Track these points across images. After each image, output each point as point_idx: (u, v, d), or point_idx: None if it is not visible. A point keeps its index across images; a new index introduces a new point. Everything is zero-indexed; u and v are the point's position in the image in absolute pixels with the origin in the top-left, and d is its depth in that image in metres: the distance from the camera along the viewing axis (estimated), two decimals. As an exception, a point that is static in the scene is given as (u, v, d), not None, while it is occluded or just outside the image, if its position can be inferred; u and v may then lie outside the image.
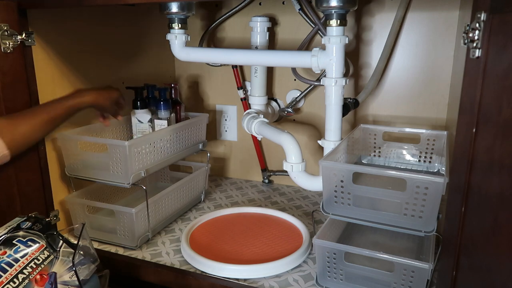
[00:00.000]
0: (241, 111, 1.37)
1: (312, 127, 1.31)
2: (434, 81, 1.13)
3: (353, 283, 0.80)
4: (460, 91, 0.58)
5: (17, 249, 0.65)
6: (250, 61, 1.04)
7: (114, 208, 0.99)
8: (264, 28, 1.17)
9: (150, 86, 1.15)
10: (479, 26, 0.53)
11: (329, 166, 0.79)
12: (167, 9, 0.97)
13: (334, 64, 0.87)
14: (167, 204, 1.08)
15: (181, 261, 0.93)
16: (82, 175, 1.01)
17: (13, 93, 0.90)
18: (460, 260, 0.61)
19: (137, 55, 1.27)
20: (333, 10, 0.84)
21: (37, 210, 0.92)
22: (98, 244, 1.01)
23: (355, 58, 1.19)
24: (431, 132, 1.03)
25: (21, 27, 0.90)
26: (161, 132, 1.07)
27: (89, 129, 1.07)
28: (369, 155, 1.09)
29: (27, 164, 0.95)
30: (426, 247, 0.86)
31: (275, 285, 0.85)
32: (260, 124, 1.05)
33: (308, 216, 1.14)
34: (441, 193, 0.70)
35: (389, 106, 1.19)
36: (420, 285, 0.74)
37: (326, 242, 0.80)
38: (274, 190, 1.34)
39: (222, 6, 1.31)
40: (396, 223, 0.75)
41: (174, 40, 1.01)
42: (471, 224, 0.59)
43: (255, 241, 0.98)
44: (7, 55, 0.88)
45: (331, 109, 0.91)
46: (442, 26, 1.09)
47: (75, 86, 1.06)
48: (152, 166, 1.02)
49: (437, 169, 1.02)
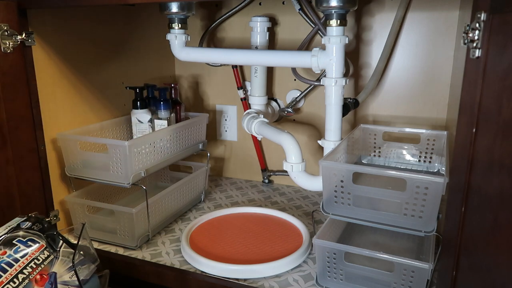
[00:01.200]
0: (241, 111, 1.37)
1: (312, 127, 1.31)
2: (434, 81, 1.13)
3: (353, 283, 0.80)
4: (460, 91, 0.58)
5: (17, 249, 0.65)
6: (250, 61, 1.04)
7: (114, 208, 0.99)
8: (264, 28, 1.17)
9: (150, 86, 1.15)
10: (479, 26, 0.53)
11: (329, 166, 0.79)
12: (167, 9, 0.97)
13: (334, 64, 0.87)
14: (167, 204, 1.08)
15: (181, 261, 0.93)
16: (82, 175, 1.01)
17: (13, 93, 0.90)
18: (460, 260, 0.61)
19: (137, 55, 1.27)
20: (333, 10, 0.84)
21: (37, 210, 0.93)
22: (98, 244, 1.01)
23: (355, 58, 1.19)
24: (431, 132, 1.03)
25: (21, 27, 0.90)
26: (161, 132, 1.07)
27: (89, 129, 1.07)
28: (369, 155, 1.09)
29: (27, 164, 0.95)
30: (426, 247, 0.86)
31: (275, 285, 0.85)
32: (260, 124, 1.05)
33: (308, 216, 1.14)
34: (441, 193, 0.70)
35: (389, 106, 1.19)
36: (420, 285, 0.74)
37: (326, 242, 0.80)
38: (274, 190, 1.34)
39: (222, 6, 1.31)
40: (396, 223, 0.75)
41: (174, 40, 1.01)
42: (471, 224, 0.59)
43: (255, 241, 0.98)
44: (7, 55, 0.88)
45: (331, 109, 0.91)
46: (442, 26, 1.09)
47: (75, 86, 1.07)
48: (152, 166, 1.02)
49: (437, 169, 1.02)
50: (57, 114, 1.02)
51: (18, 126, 0.91)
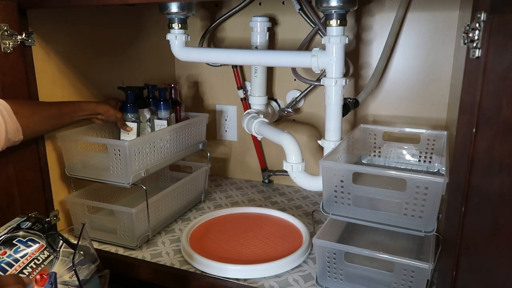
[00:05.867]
0: (241, 111, 1.37)
1: (312, 127, 1.31)
2: (434, 81, 1.13)
3: (353, 283, 0.80)
4: (460, 91, 0.58)
5: (17, 249, 0.65)
6: (250, 61, 1.04)
7: (114, 208, 0.99)
8: (264, 28, 1.17)
9: (150, 86, 1.15)
10: (479, 26, 0.53)
11: (329, 166, 0.79)
12: (167, 9, 0.97)
13: (334, 64, 0.87)
14: (167, 204, 1.08)
15: (181, 261, 0.93)
16: (82, 175, 1.01)
17: (13, 93, 0.90)
18: (460, 260, 0.61)
19: (137, 55, 1.27)
20: (333, 10, 0.84)
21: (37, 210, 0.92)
22: (98, 244, 1.01)
23: (355, 58, 1.19)
24: (431, 132, 1.03)
25: (21, 27, 0.90)
26: (161, 132, 1.07)
27: (89, 129, 1.07)
28: (369, 155, 1.09)
29: (27, 164, 0.95)
30: (426, 247, 0.86)
31: (275, 285, 0.85)
32: (260, 124, 1.05)
33: (308, 216, 1.14)
34: (441, 193, 0.70)
35: (389, 106, 1.19)
36: (420, 285, 0.74)
37: (326, 242, 0.80)
38: (274, 190, 1.34)
39: (222, 6, 1.31)
40: (396, 223, 0.75)
41: (174, 40, 1.01)
42: (471, 224, 0.59)
43: (255, 241, 0.98)
44: (7, 55, 0.88)
45: (331, 109, 0.91)
46: (442, 26, 1.09)
47: (75, 86, 1.07)
48: (152, 166, 1.02)
49: (437, 169, 1.02)
50: (57, 114, 1.02)
51: (18, 126, 0.91)
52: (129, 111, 1.07)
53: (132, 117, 1.08)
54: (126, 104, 1.07)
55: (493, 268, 0.56)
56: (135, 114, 1.08)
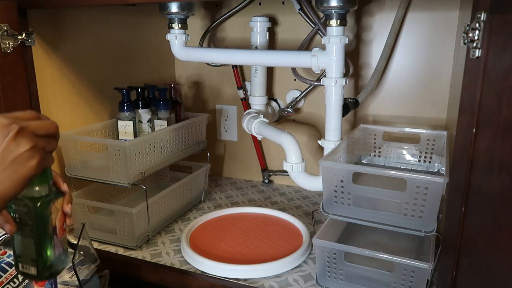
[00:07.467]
0: (241, 111, 1.37)
1: (312, 127, 1.31)
2: (434, 81, 1.13)
3: (353, 283, 0.80)
4: (460, 91, 0.58)
5: (17, 249, 0.65)
6: (250, 61, 1.04)
7: (114, 208, 0.99)
8: (264, 28, 1.17)
9: (150, 86, 1.15)
10: (479, 26, 0.53)
11: (329, 166, 0.79)
12: (167, 9, 0.97)
13: (334, 64, 0.87)
14: (167, 204, 1.08)
15: (181, 261, 0.93)
16: (82, 175, 1.00)
17: (13, 93, 0.90)
18: (460, 260, 0.61)
19: (137, 55, 1.27)
20: (333, 10, 0.84)
21: (37, 210, 0.92)
22: (98, 244, 1.01)
23: (355, 58, 1.19)
24: (431, 132, 1.03)
25: (21, 27, 0.90)
26: (161, 132, 1.07)
27: (89, 129, 1.07)
28: (369, 155, 1.09)
29: (27, 164, 0.94)
30: (426, 247, 0.86)
31: (275, 285, 0.85)
32: (260, 124, 1.05)
33: (308, 216, 1.14)
34: (441, 193, 0.70)
35: (389, 106, 1.19)
36: (420, 285, 0.74)
37: (326, 242, 0.80)
38: (274, 190, 1.34)
39: (222, 6, 1.31)
40: (396, 223, 0.75)
41: (174, 40, 1.01)
42: (471, 224, 0.59)
43: (255, 241, 0.98)
44: (7, 55, 0.88)
45: (331, 109, 0.91)
46: (442, 26, 1.09)
47: (75, 86, 1.07)
48: (152, 166, 1.02)
49: (437, 169, 1.02)
50: (57, 114, 1.02)
51: (18, 126, 0.91)
52: (126, 110, 1.08)
53: (128, 115, 1.08)
54: (122, 103, 1.08)
55: (493, 268, 0.56)
56: (130, 112, 1.08)
